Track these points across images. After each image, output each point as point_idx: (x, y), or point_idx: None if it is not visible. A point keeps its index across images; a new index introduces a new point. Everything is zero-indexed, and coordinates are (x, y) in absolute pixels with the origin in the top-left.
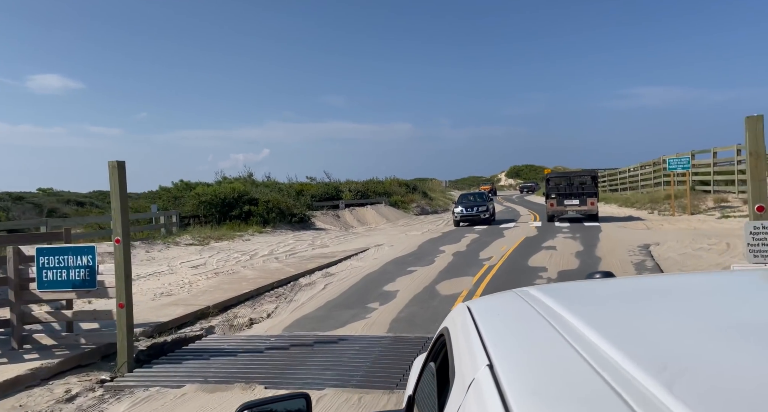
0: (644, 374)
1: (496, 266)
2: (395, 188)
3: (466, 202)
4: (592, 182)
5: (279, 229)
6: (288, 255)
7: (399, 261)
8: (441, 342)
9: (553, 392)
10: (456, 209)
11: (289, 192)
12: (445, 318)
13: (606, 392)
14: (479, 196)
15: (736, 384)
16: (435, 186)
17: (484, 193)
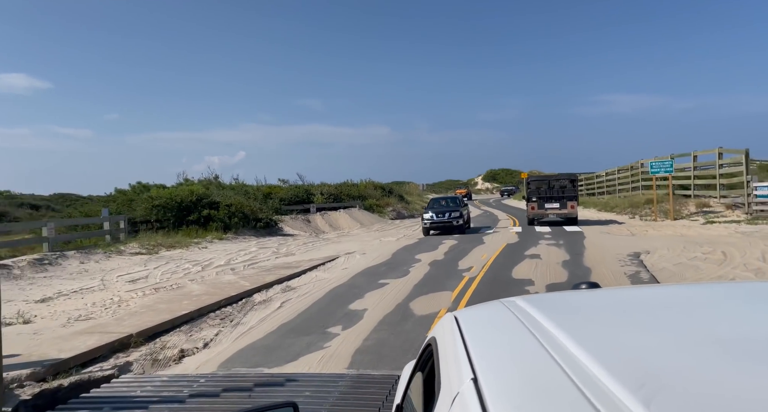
0: (623, 390)
1: (477, 277)
2: (370, 191)
3: (438, 208)
4: (572, 186)
5: (242, 235)
6: (247, 265)
7: (370, 272)
8: (429, 352)
9: (535, 408)
10: (425, 215)
11: (256, 195)
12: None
13: (586, 409)
14: (452, 201)
15: (712, 401)
16: (412, 189)
17: (458, 198)
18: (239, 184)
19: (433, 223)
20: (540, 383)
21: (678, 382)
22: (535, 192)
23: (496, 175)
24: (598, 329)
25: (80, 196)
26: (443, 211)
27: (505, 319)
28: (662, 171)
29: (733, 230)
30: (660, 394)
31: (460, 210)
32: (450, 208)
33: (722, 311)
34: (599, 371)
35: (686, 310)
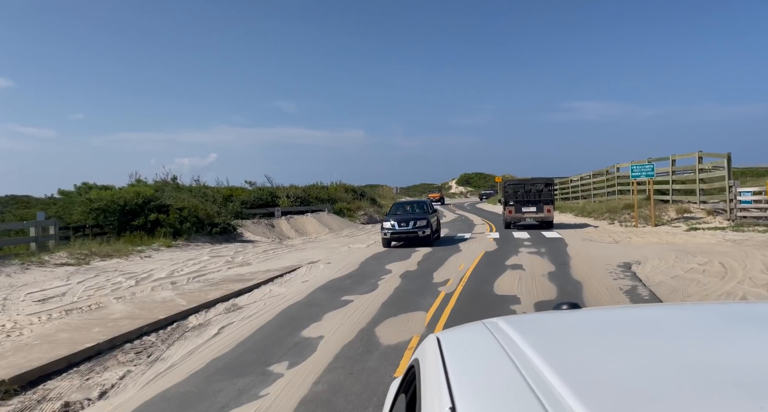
0: None
1: (455, 293)
2: (341, 194)
3: (401, 215)
4: (548, 190)
5: (195, 241)
6: (192, 278)
7: (333, 286)
8: (412, 374)
9: None
10: (385, 224)
11: (215, 198)
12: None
13: None
14: (419, 206)
15: None
16: (385, 192)
17: (426, 202)
18: (199, 186)
19: (395, 233)
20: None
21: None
22: (512, 196)
23: (470, 179)
24: (575, 354)
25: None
26: (407, 219)
27: (486, 343)
28: (643, 175)
29: (721, 238)
30: None
31: (427, 218)
32: (415, 215)
33: (698, 335)
34: (571, 398)
35: (663, 334)
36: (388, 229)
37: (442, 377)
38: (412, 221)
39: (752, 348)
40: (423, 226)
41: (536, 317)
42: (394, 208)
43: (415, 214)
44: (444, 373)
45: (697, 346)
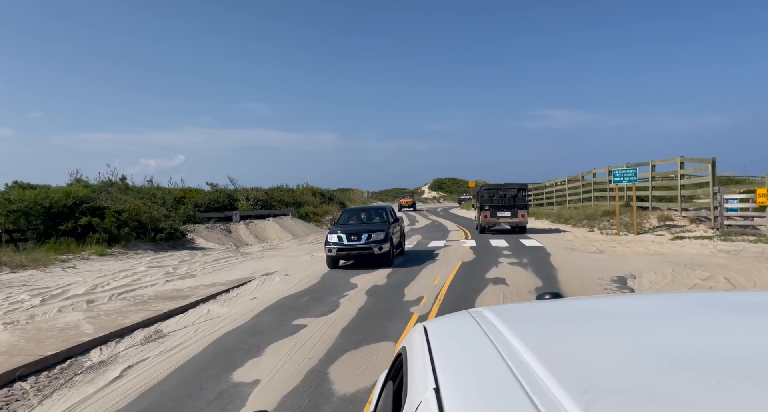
0: (567, 398)
1: (429, 315)
2: (307, 198)
3: (352, 225)
4: (523, 195)
5: (135, 249)
6: (116, 295)
7: (286, 305)
8: (399, 362)
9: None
10: (330, 237)
11: (164, 200)
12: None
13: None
14: (376, 213)
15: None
16: (356, 196)
17: (386, 209)
18: (150, 187)
19: (342, 249)
20: (494, 393)
21: (619, 390)
22: (487, 201)
23: (442, 184)
24: (555, 340)
25: None
26: (359, 230)
27: (470, 330)
28: (625, 180)
29: (712, 248)
30: (600, 400)
31: (385, 229)
32: (371, 225)
33: (670, 321)
34: (549, 380)
35: (641, 321)
36: (333, 244)
37: (428, 361)
38: (365, 234)
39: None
40: (380, 240)
41: (519, 306)
42: (345, 215)
43: (370, 224)
44: (429, 357)
45: (672, 332)
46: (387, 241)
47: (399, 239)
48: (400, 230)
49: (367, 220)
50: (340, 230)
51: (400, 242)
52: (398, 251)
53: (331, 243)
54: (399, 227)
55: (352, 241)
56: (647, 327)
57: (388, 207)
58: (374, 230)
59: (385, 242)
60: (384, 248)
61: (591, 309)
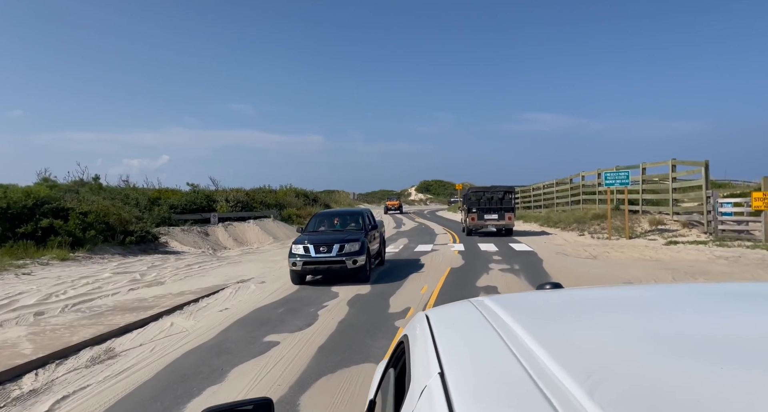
0: (572, 381)
1: None
2: (291, 199)
3: (321, 235)
4: (509, 198)
5: (101, 253)
6: (70, 306)
7: (259, 318)
8: (401, 349)
9: (493, 398)
10: (295, 248)
11: (138, 201)
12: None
13: (537, 397)
14: (352, 219)
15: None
16: (342, 198)
17: (363, 213)
18: (126, 188)
19: (309, 263)
20: (499, 377)
21: (621, 374)
22: (475, 203)
23: (429, 186)
24: (556, 327)
25: None
26: (329, 240)
27: (472, 318)
28: (617, 183)
29: (709, 254)
30: (603, 384)
31: (361, 238)
32: (344, 235)
33: (677, 310)
34: (553, 365)
35: (642, 309)
36: (298, 256)
37: (431, 347)
38: (337, 244)
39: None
40: (354, 251)
41: (521, 295)
42: (314, 221)
43: (344, 231)
44: (433, 344)
45: (669, 318)
46: (363, 253)
47: (379, 246)
48: (379, 237)
49: (341, 226)
50: (308, 240)
51: (379, 250)
52: (377, 261)
53: (296, 255)
54: (379, 234)
55: (321, 253)
56: (649, 315)
57: (365, 211)
58: (348, 240)
59: (360, 254)
60: (359, 261)
61: (593, 298)
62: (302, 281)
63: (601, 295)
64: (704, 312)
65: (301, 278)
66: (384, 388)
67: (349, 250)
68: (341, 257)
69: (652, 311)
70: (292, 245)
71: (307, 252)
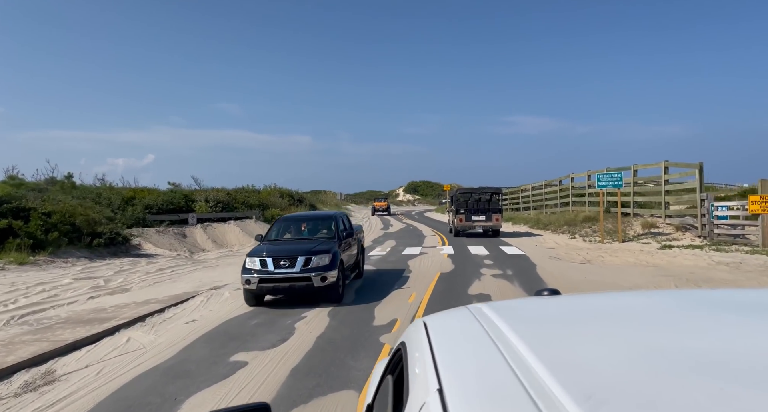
0: (572, 403)
1: None
2: (275, 200)
3: (284, 244)
4: (497, 199)
5: (67, 256)
6: (17, 318)
7: (228, 331)
8: (399, 356)
9: None
10: (250, 262)
11: (111, 200)
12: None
13: None
14: (323, 224)
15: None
16: (329, 198)
17: (336, 217)
18: (101, 187)
19: (266, 280)
20: (499, 396)
21: (621, 395)
22: (463, 204)
23: (417, 187)
24: (557, 341)
25: None
26: (292, 252)
27: (471, 328)
28: (610, 185)
29: (708, 259)
30: (604, 406)
31: (332, 250)
32: (312, 244)
33: (678, 322)
34: (553, 384)
35: (643, 320)
36: (253, 271)
37: (430, 359)
38: (302, 257)
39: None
40: (323, 266)
41: (519, 302)
42: (278, 227)
43: (312, 240)
44: (431, 357)
45: (669, 331)
46: (334, 267)
47: (357, 256)
48: (357, 245)
49: (310, 234)
50: (266, 251)
51: (357, 260)
52: (355, 273)
53: (250, 270)
54: (357, 242)
55: (282, 267)
56: (650, 327)
57: (339, 215)
58: (316, 251)
59: (330, 269)
60: (329, 278)
61: (592, 307)
62: (259, 302)
63: (601, 303)
64: (706, 323)
65: (258, 298)
66: (382, 395)
67: (318, 263)
68: (307, 273)
69: (653, 322)
70: (247, 258)
71: (265, 266)
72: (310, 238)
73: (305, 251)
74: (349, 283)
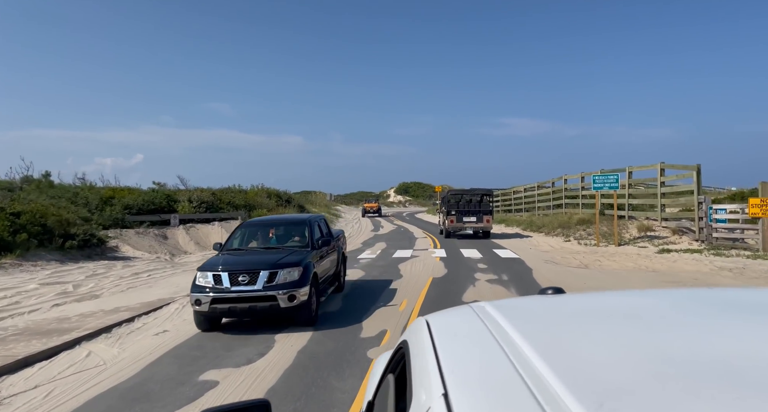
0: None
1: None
2: (262, 200)
3: (244, 256)
4: (488, 201)
5: (34, 259)
6: None
7: (200, 345)
8: (401, 354)
9: None
10: (201, 277)
11: (88, 200)
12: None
13: None
14: (295, 229)
15: None
16: (318, 199)
17: (311, 222)
18: (81, 186)
19: (220, 301)
20: (506, 403)
21: (633, 403)
22: (454, 206)
23: (408, 188)
24: (564, 342)
25: None
26: (252, 265)
27: (475, 328)
28: (606, 187)
29: (709, 264)
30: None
31: (303, 262)
32: (278, 256)
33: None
34: (561, 389)
35: (645, 321)
36: (205, 289)
37: (433, 362)
38: (265, 271)
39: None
40: (291, 282)
41: (522, 301)
42: (241, 234)
43: (281, 250)
44: (435, 357)
45: (679, 333)
46: (305, 283)
47: (337, 267)
48: (337, 254)
49: (279, 242)
50: (223, 263)
51: (338, 272)
52: (334, 287)
53: (203, 288)
54: (337, 250)
55: (240, 284)
56: (659, 328)
57: (315, 219)
58: (283, 264)
59: (300, 286)
60: (299, 297)
61: (599, 307)
62: (214, 327)
63: (608, 302)
64: (717, 323)
65: (212, 322)
66: (383, 393)
67: (285, 279)
68: (271, 291)
69: (661, 323)
70: (197, 273)
71: (219, 283)
72: (278, 247)
73: (270, 263)
74: (322, 301)
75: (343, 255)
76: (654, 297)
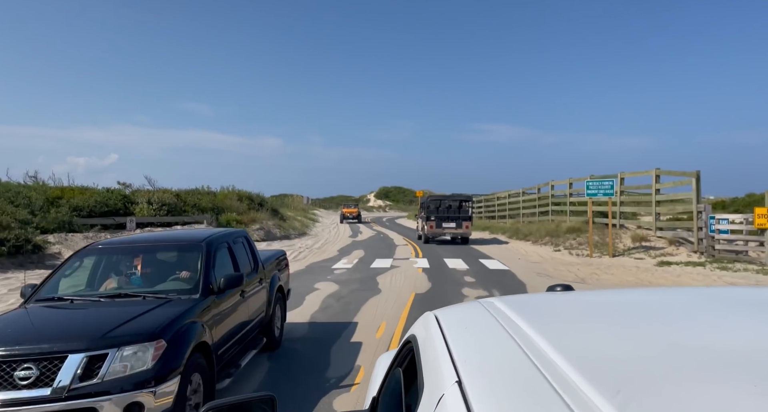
0: (600, 397)
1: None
2: (232, 203)
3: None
4: (467, 207)
5: None
6: None
7: None
8: (408, 348)
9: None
10: None
11: (31, 200)
12: (413, 325)
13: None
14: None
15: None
16: (295, 203)
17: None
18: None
19: None
20: (522, 388)
21: (650, 390)
22: (434, 211)
23: (388, 192)
24: (576, 335)
25: None
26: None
27: (485, 321)
28: (600, 194)
29: (717, 279)
30: (634, 401)
31: (170, 326)
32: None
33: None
34: (577, 377)
35: (663, 316)
36: None
37: (445, 352)
38: (76, 356)
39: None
40: (133, 377)
41: (532, 297)
42: (72, 270)
43: (129, 304)
44: (447, 349)
45: (692, 327)
46: (167, 374)
47: (266, 313)
48: (268, 292)
49: (145, 282)
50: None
51: (267, 318)
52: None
53: None
54: (267, 286)
55: (18, 385)
56: (671, 323)
57: (220, 240)
58: (116, 337)
59: (156, 382)
60: (151, 407)
61: (609, 303)
62: None
63: (618, 299)
64: (729, 320)
65: None
66: (389, 387)
67: (120, 371)
68: (85, 398)
69: (673, 319)
70: None
71: None
72: (139, 294)
73: (90, 335)
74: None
75: (281, 292)
76: (663, 294)
